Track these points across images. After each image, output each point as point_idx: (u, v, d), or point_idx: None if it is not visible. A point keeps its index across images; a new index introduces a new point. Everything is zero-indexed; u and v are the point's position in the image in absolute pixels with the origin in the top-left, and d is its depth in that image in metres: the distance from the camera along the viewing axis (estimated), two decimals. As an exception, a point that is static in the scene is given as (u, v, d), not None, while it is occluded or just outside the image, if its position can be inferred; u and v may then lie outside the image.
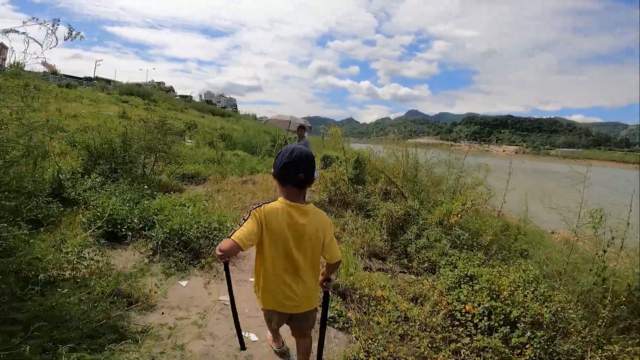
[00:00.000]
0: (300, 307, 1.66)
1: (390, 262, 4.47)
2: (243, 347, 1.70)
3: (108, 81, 47.65)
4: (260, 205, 1.55)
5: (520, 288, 2.97)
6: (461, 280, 3.20)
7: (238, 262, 3.66)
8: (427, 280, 3.92)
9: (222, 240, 1.48)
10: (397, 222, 4.96)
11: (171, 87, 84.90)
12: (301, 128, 6.71)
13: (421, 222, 5.05)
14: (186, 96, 68.84)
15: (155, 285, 2.75)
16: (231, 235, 1.43)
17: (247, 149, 13.84)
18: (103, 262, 2.65)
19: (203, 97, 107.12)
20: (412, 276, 4.25)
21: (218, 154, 10.26)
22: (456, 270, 3.36)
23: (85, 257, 2.54)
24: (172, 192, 5.42)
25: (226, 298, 2.48)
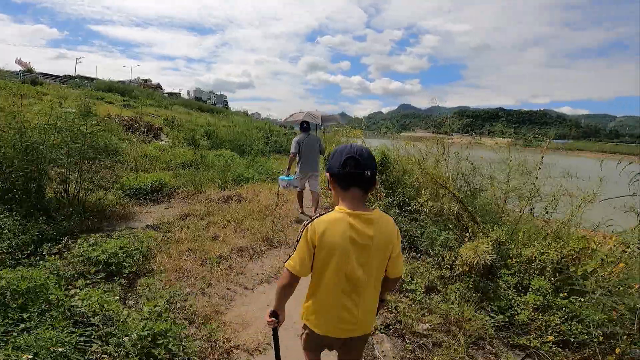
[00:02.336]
0: (358, 330, 1.36)
1: (494, 342, 2.50)
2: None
3: (90, 79, 46.05)
4: (313, 220, 1.26)
5: None
6: None
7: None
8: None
9: None
10: (482, 269, 2.97)
11: (158, 84, 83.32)
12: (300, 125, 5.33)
13: (517, 266, 3.11)
14: (174, 93, 67.60)
15: None
16: (286, 261, 1.28)
17: (235, 148, 11.70)
18: None
19: (192, 95, 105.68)
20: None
21: (197, 155, 8.10)
22: None
23: None
24: (102, 227, 3.29)
25: None
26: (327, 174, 1.32)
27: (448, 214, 3.91)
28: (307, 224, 1.26)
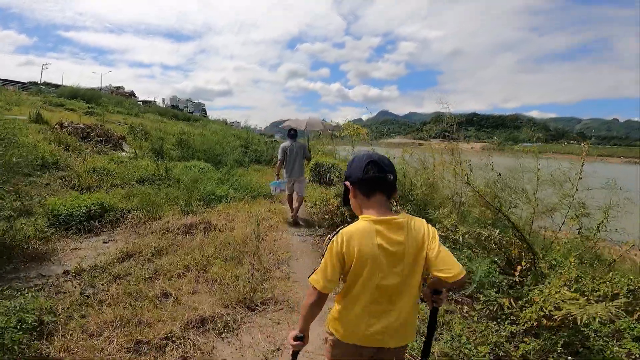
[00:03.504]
0: (391, 341, 1.21)
1: None
2: None
3: (57, 86, 44.06)
4: (338, 231, 1.18)
5: None
6: None
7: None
8: None
9: None
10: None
11: (132, 91, 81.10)
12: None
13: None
14: (148, 101, 65.68)
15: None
16: (309, 277, 1.18)
17: (209, 159, 10.43)
18: None
19: (168, 103, 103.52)
20: None
21: (160, 167, 6.83)
22: None
23: None
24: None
25: None
26: (347, 183, 1.24)
27: (488, 242, 2.93)
28: (333, 236, 1.17)
